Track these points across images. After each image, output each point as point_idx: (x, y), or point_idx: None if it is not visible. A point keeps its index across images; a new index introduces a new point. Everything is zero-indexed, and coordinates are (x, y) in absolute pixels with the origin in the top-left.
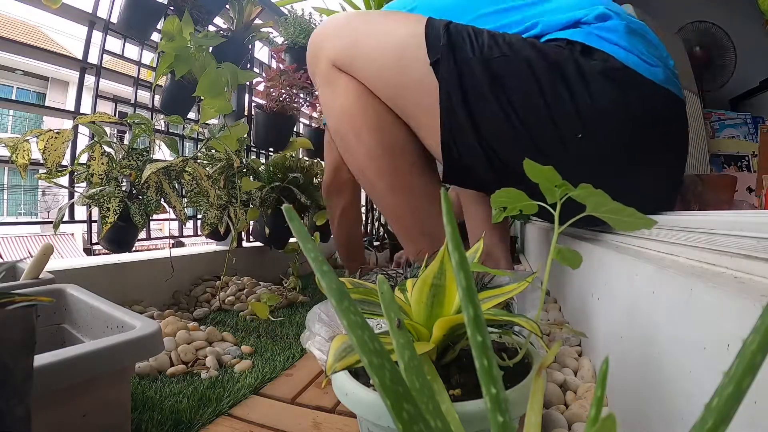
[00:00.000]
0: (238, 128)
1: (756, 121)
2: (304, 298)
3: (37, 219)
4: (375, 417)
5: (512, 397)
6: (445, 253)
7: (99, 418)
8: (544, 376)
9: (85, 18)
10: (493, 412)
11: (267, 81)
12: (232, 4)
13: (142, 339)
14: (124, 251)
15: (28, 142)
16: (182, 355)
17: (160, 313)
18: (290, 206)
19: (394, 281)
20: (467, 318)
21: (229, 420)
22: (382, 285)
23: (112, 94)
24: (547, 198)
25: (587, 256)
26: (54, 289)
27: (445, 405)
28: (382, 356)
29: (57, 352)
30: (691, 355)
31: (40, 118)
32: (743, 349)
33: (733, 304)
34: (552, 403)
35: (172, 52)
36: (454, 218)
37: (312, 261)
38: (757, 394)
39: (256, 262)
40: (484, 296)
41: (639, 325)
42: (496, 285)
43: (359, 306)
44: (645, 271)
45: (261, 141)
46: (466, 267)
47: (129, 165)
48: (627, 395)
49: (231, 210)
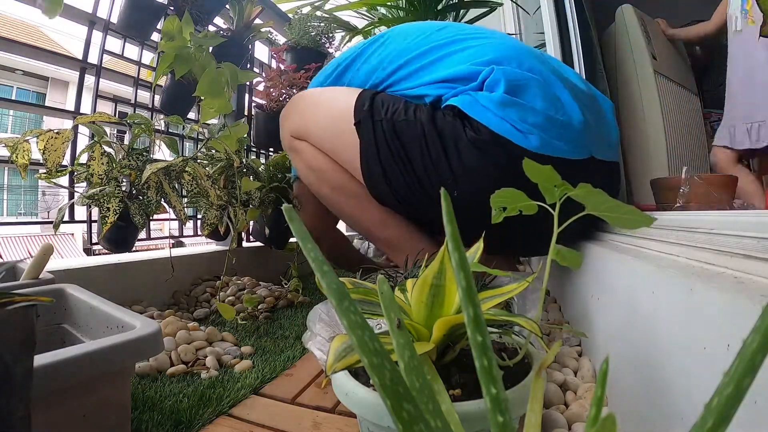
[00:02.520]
0: (238, 128)
1: None
2: (304, 299)
3: (37, 219)
4: (375, 417)
5: (512, 397)
6: (445, 253)
7: (99, 418)
8: (544, 376)
9: (85, 18)
10: (493, 412)
11: (267, 81)
12: (232, 4)
13: (142, 339)
14: (124, 251)
15: (28, 142)
16: (182, 355)
17: (160, 313)
18: (290, 206)
19: (394, 281)
20: (467, 318)
21: (229, 420)
22: (382, 285)
23: (112, 94)
24: (546, 198)
25: (587, 256)
26: (54, 289)
27: (445, 405)
28: (382, 356)
29: (57, 352)
30: (691, 355)
31: (40, 118)
32: (743, 349)
33: (733, 304)
34: (552, 403)
35: (172, 52)
36: (455, 218)
37: (312, 261)
38: (757, 394)
39: (256, 262)
40: (484, 296)
41: (639, 325)
42: (496, 285)
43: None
44: (645, 271)
45: (261, 141)
46: (466, 267)
47: (129, 165)
48: (627, 395)
49: (231, 210)
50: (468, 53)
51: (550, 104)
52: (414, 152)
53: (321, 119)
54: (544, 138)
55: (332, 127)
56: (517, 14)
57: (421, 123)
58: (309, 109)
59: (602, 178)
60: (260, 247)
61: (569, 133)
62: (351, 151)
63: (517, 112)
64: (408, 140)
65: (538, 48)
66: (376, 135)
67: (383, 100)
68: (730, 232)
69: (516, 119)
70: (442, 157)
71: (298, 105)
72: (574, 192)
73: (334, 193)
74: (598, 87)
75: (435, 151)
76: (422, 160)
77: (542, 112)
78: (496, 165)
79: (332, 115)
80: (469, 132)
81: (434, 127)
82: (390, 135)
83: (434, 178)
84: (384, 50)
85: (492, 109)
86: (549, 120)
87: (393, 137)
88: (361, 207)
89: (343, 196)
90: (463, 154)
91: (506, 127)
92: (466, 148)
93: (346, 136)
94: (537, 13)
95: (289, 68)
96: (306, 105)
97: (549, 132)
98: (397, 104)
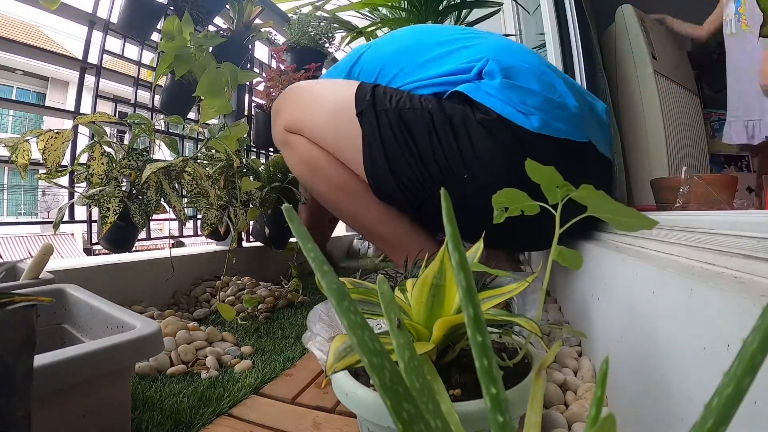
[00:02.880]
0: (238, 128)
1: None
2: (304, 298)
3: (37, 219)
4: (375, 417)
5: (512, 397)
6: (445, 253)
7: (99, 418)
8: (544, 376)
9: (85, 18)
10: (493, 412)
11: (267, 81)
12: (232, 4)
13: (142, 339)
14: (124, 251)
15: (28, 142)
16: (182, 355)
17: (160, 313)
18: (290, 206)
19: (394, 281)
20: (467, 318)
21: (229, 420)
22: (382, 285)
23: (112, 94)
24: (549, 199)
25: (587, 256)
26: (54, 289)
27: (445, 405)
28: (382, 356)
29: (57, 352)
30: (691, 355)
31: (40, 118)
32: (743, 349)
33: (733, 304)
34: (552, 403)
35: (172, 52)
36: (455, 218)
37: (312, 261)
38: (757, 394)
39: (256, 262)
40: (484, 296)
41: (639, 325)
42: (496, 285)
43: (359, 306)
44: (645, 271)
45: (261, 141)
46: (466, 267)
47: (129, 165)
48: (627, 395)
49: (231, 210)
50: (463, 53)
51: (545, 87)
52: (422, 141)
53: (318, 111)
54: (544, 119)
55: (331, 119)
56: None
57: (429, 111)
58: (304, 100)
59: (601, 169)
60: (260, 247)
61: (567, 115)
62: (351, 144)
63: (517, 94)
64: (416, 129)
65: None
66: (380, 125)
67: (385, 90)
68: (730, 232)
69: (517, 101)
70: (452, 143)
71: (292, 97)
72: (577, 193)
73: (332, 190)
74: (598, 87)
75: (445, 137)
76: (432, 148)
77: (540, 93)
78: (504, 147)
79: (331, 107)
80: (478, 114)
81: (443, 113)
82: (396, 124)
83: (443, 165)
84: (375, 55)
85: (494, 94)
86: (547, 101)
87: (400, 126)
88: (360, 204)
89: (341, 192)
90: (473, 138)
91: (509, 109)
92: (477, 131)
93: (346, 127)
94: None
95: (289, 68)
96: (300, 96)
97: (549, 113)
98: (400, 94)
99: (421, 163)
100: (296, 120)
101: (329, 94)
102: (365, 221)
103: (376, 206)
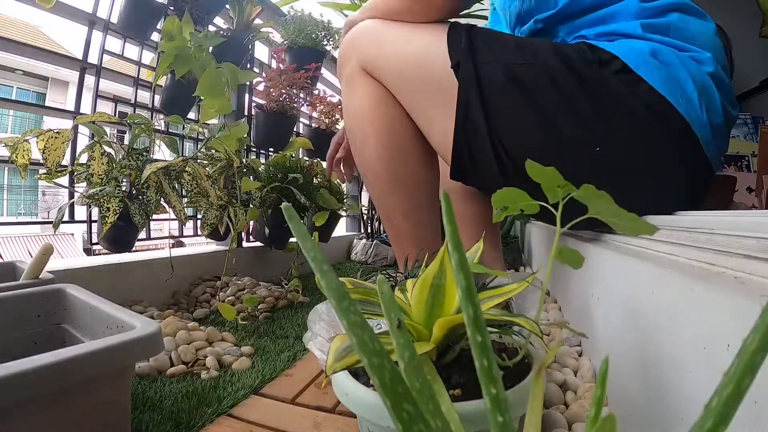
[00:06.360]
0: (238, 128)
1: (756, 121)
2: (304, 299)
3: (37, 219)
4: (375, 417)
5: (512, 397)
6: (445, 253)
7: (99, 418)
8: (544, 376)
9: (85, 18)
10: (493, 412)
11: (267, 81)
12: (232, 4)
13: (142, 339)
14: (124, 251)
15: (28, 142)
16: (182, 356)
17: (160, 313)
18: (290, 205)
19: (394, 281)
20: (467, 318)
21: (229, 420)
22: (382, 285)
23: (112, 94)
24: (549, 198)
25: (587, 256)
26: (54, 289)
27: (445, 405)
28: (382, 356)
29: (57, 352)
30: (691, 355)
31: (40, 118)
32: (743, 349)
33: (733, 304)
34: (552, 403)
35: (172, 52)
36: (455, 218)
37: (312, 261)
38: (757, 394)
39: (256, 262)
40: (484, 296)
41: (639, 325)
42: (496, 285)
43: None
44: (645, 271)
45: (261, 141)
46: (466, 267)
47: (129, 165)
48: (627, 395)
49: (231, 210)
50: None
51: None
52: (548, 103)
53: (401, 51)
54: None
55: (416, 62)
56: None
57: (550, 68)
58: (389, 38)
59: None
60: (260, 247)
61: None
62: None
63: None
64: (532, 88)
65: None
66: (481, 80)
67: (485, 35)
68: (730, 232)
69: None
70: (587, 113)
71: (378, 28)
72: (578, 193)
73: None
74: None
75: (575, 101)
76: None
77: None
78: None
79: (417, 47)
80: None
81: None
82: (503, 80)
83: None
84: None
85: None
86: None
87: (509, 83)
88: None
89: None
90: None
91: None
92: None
93: (435, 75)
94: None
95: (289, 68)
96: (385, 34)
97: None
98: (504, 41)
99: (533, 125)
100: (376, 58)
101: (416, 32)
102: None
103: (412, 193)
